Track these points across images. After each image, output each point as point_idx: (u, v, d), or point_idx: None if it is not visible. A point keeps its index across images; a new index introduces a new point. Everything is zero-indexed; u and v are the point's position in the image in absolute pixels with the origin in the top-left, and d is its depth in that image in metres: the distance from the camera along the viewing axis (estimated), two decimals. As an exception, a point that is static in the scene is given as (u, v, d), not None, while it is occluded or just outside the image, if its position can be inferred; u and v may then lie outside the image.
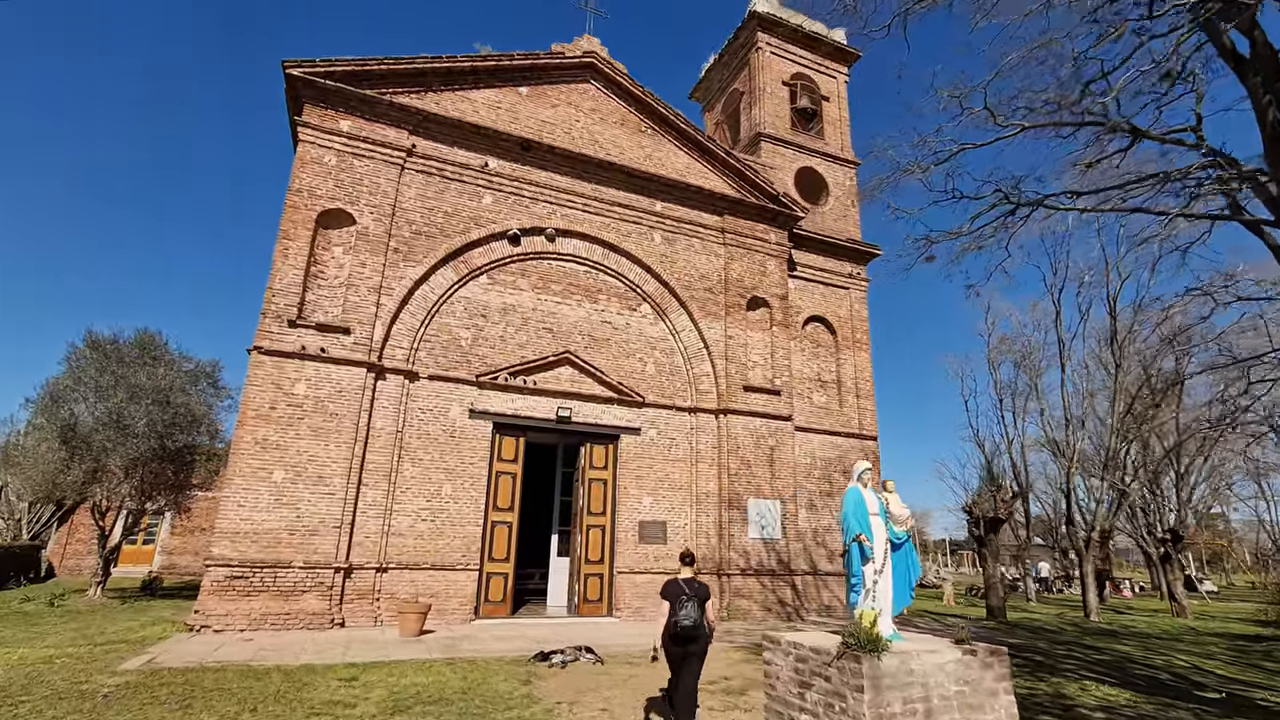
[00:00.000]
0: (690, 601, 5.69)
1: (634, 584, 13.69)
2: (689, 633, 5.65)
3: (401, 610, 10.50)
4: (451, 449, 12.92)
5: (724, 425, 15.28)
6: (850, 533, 5.78)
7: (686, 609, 5.65)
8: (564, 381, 14.29)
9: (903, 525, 5.92)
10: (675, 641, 5.71)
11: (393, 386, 12.67)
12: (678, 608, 5.69)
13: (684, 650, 5.71)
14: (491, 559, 12.88)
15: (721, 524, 14.63)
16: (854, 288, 19.23)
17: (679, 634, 5.65)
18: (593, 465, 14.29)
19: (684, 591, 5.77)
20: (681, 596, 5.74)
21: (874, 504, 5.90)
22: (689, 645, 5.70)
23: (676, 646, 5.73)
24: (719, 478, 15.00)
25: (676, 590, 5.84)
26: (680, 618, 5.62)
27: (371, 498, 11.99)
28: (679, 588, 5.84)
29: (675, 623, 5.65)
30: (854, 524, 5.79)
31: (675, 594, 5.80)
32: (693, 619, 5.62)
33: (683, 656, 5.71)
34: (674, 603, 5.75)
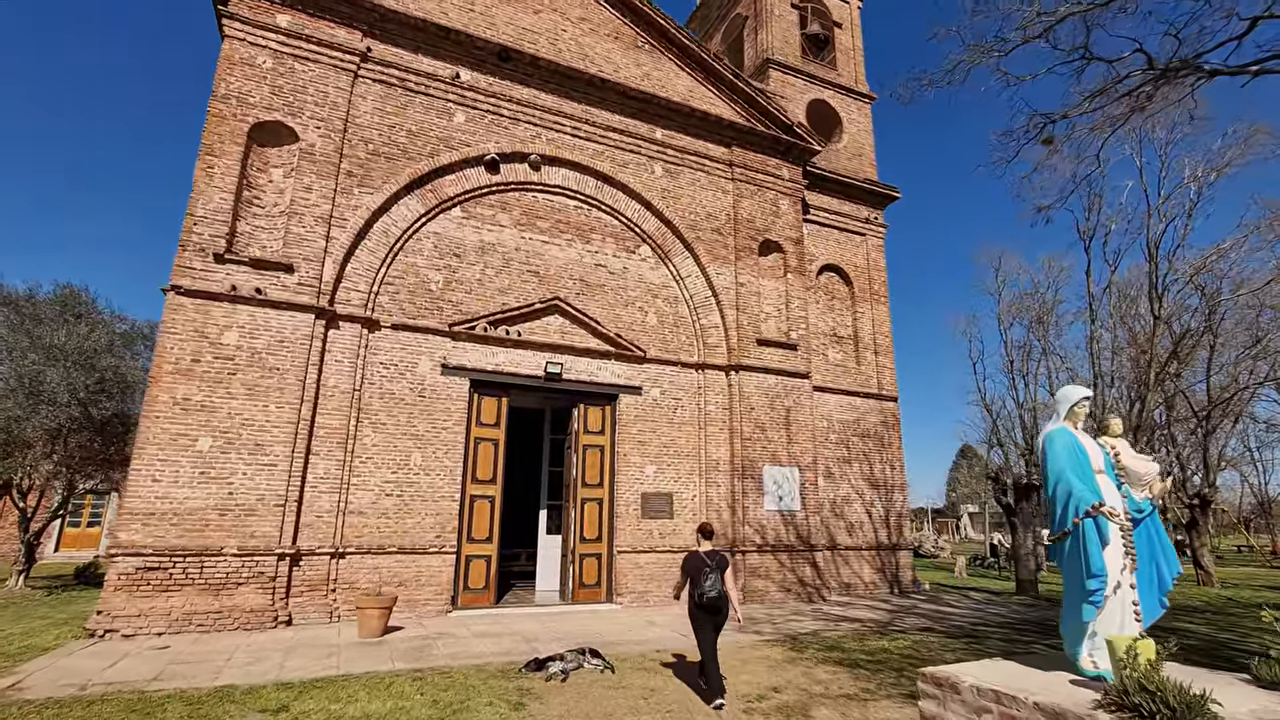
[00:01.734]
0: (714, 573, 5.99)
1: (637, 565, 11.91)
2: (716, 603, 5.96)
3: (360, 605, 8.56)
4: (421, 411, 10.88)
5: (735, 383, 13.43)
6: (1075, 500, 3.55)
7: (711, 579, 5.94)
8: (553, 333, 12.27)
9: (1146, 489, 3.85)
10: (702, 609, 5.98)
11: (348, 336, 10.54)
12: (702, 579, 5.96)
13: (709, 618, 5.97)
14: (471, 539, 10.96)
15: (734, 495, 12.87)
16: (871, 234, 17.37)
17: (706, 605, 5.94)
18: (587, 429, 12.37)
19: (706, 564, 6.04)
20: (705, 569, 6.01)
21: (1097, 456, 3.79)
22: (714, 615, 5.99)
23: (702, 614, 5.98)
24: (730, 443, 13.19)
25: (699, 563, 6.08)
26: (706, 589, 5.91)
27: (324, 469, 9.94)
28: (701, 560, 6.09)
29: (702, 594, 5.92)
30: (1077, 486, 3.55)
31: (698, 567, 6.06)
32: (718, 589, 5.95)
33: (709, 622, 5.97)
34: (697, 575, 6.01)
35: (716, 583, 5.92)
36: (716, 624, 6.00)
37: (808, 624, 10.19)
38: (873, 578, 14.74)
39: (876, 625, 10.23)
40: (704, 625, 5.95)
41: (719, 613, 5.99)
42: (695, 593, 5.96)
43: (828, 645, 8.45)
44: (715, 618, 5.98)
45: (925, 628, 10.13)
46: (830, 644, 8.56)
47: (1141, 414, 16.99)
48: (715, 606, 5.94)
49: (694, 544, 12.22)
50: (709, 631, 5.95)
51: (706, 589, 5.89)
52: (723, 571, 6.04)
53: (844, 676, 6.84)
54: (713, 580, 5.91)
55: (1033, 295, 22.72)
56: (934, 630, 9.93)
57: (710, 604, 5.91)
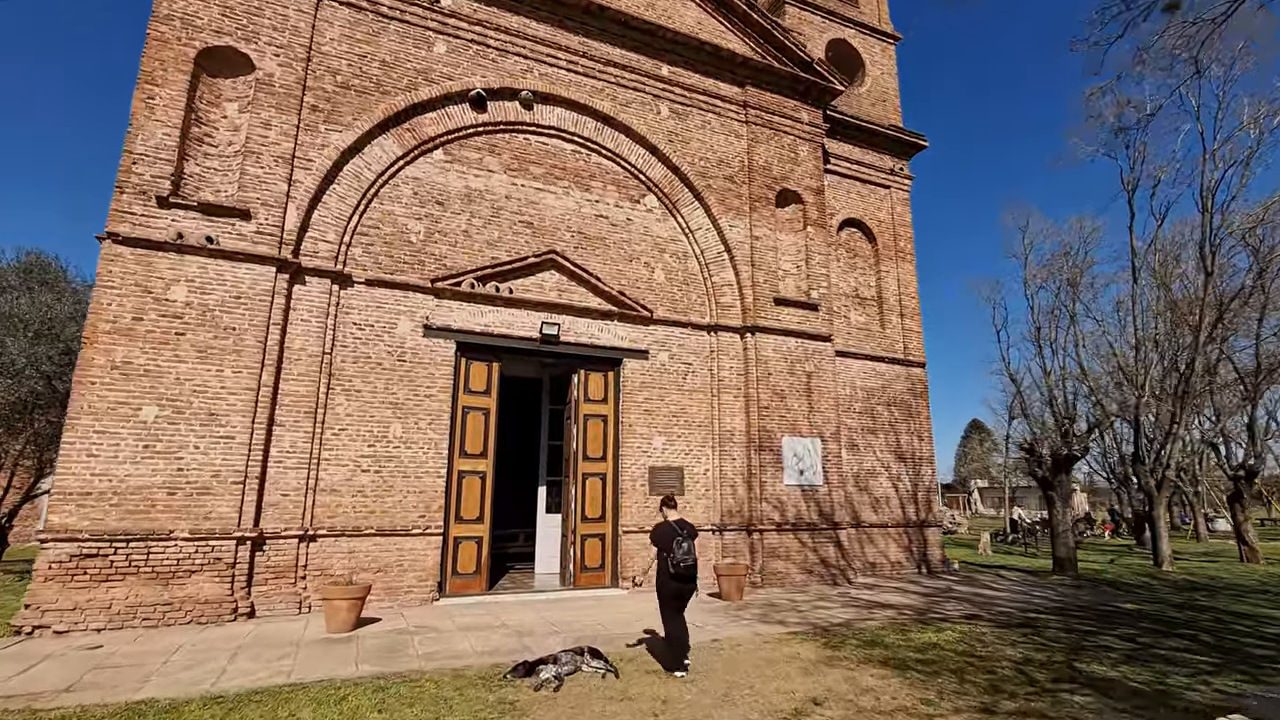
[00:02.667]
0: (686, 541, 5.91)
1: (646, 546, 10.79)
2: (690, 571, 5.90)
3: (327, 596, 7.46)
4: (401, 377, 9.70)
5: (751, 346, 12.18)
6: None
7: (685, 547, 5.87)
8: (549, 290, 11.02)
9: None
10: (676, 579, 5.89)
11: (316, 293, 9.33)
12: (676, 548, 5.87)
13: (684, 587, 5.91)
14: (460, 519, 9.85)
15: (750, 469, 11.70)
16: (896, 186, 15.94)
17: (681, 573, 5.86)
18: (588, 397, 11.18)
19: (678, 532, 5.96)
20: (677, 538, 5.92)
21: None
22: (688, 583, 5.93)
23: (677, 584, 5.89)
24: (746, 412, 11.99)
25: (670, 532, 6.00)
26: (681, 555, 5.85)
27: (290, 442, 8.81)
28: (672, 529, 6.02)
29: (677, 561, 5.84)
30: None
31: (670, 535, 5.98)
32: (693, 557, 5.93)
33: (680, 594, 5.91)
34: (670, 544, 5.91)
35: (691, 550, 5.91)
36: (686, 593, 6.00)
37: (837, 611, 9.08)
38: (899, 557, 13.62)
39: (915, 613, 9.11)
40: (677, 595, 5.95)
41: (692, 580, 6.00)
42: (670, 560, 5.91)
43: (866, 640, 7.32)
44: (688, 585, 5.98)
45: (970, 615, 9.00)
46: (869, 638, 7.43)
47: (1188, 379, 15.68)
48: (689, 574, 5.94)
49: (697, 520, 11.13)
50: (682, 601, 5.97)
51: (681, 556, 5.86)
52: (693, 539, 6.05)
53: (895, 683, 5.69)
54: (686, 548, 5.89)
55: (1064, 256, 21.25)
56: (980, 618, 8.79)
57: (685, 572, 5.89)
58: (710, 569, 10.99)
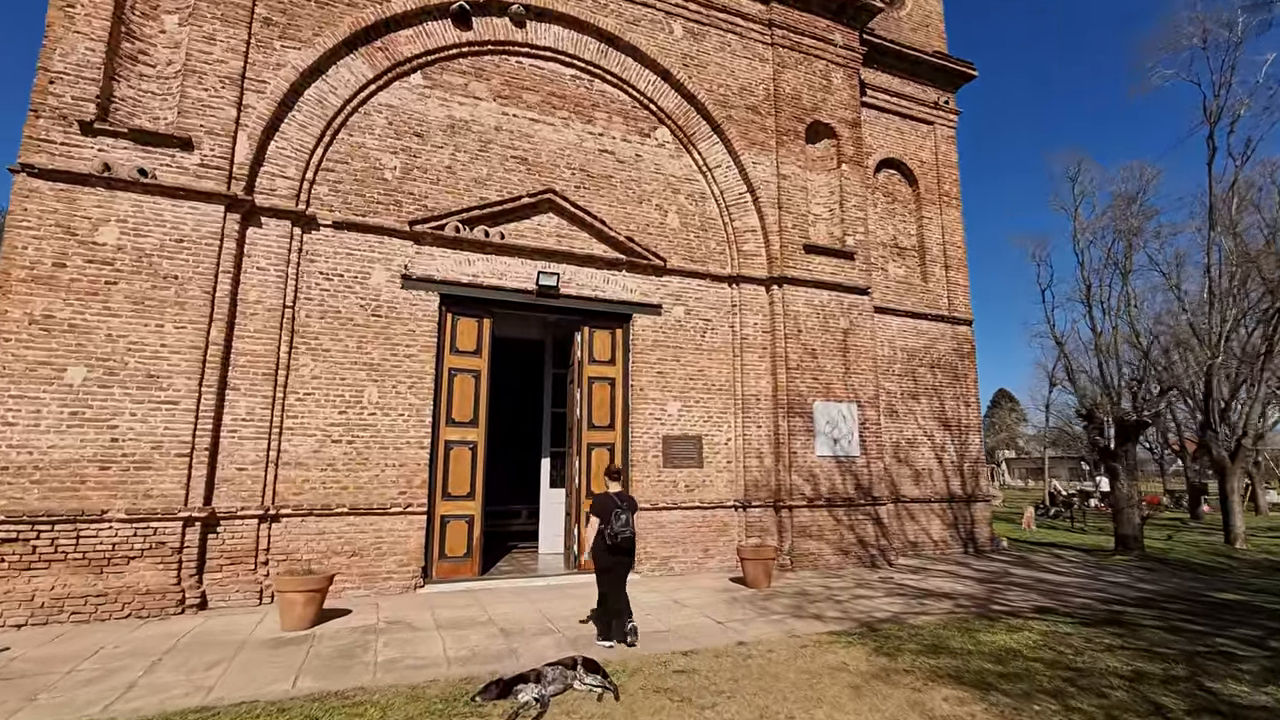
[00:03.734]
0: (625, 513, 5.90)
1: (658, 525, 9.57)
2: (628, 543, 5.91)
3: (280, 588, 6.32)
4: (377, 335, 8.45)
5: (779, 300, 10.72)
6: None
7: (623, 519, 5.85)
8: (546, 235, 9.64)
9: None
10: (613, 553, 5.87)
11: (274, 237, 8.06)
12: (614, 519, 5.84)
13: (620, 560, 5.91)
14: (447, 496, 8.68)
15: (779, 437, 10.35)
16: (940, 122, 14.17)
17: (618, 545, 5.84)
18: (593, 358, 9.86)
19: (617, 504, 5.94)
20: (616, 509, 5.90)
21: None
22: (626, 556, 5.95)
23: (614, 557, 5.88)
24: (774, 373, 10.59)
25: (610, 504, 5.96)
26: (618, 527, 5.82)
27: (246, 408, 7.64)
28: (612, 501, 5.97)
29: (615, 533, 5.82)
30: None
31: (609, 507, 5.93)
32: (631, 529, 5.90)
33: (617, 566, 5.88)
34: (609, 516, 5.87)
35: (629, 523, 5.89)
36: (627, 566, 6.02)
37: (882, 602, 7.78)
38: (943, 535, 12.26)
39: (975, 604, 7.78)
40: (614, 568, 5.92)
41: (629, 554, 6.03)
42: (607, 532, 5.87)
43: (926, 643, 6.01)
44: (626, 559, 5.98)
45: (1041, 608, 7.65)
46: (929, 639, 6.13)
47: (1273, 337, 13.91)
48: (628, 546, 5.95)
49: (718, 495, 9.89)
50: (620, 574, 5.92)
51: (619, 528, 5.84)
52: (633, 513, 6.06)
53: (979, 712, 4.38)
54: (625, 520, 5.87)
55: (1124, 203, 19.25)
56: (1055, 612, 7.44)
57: (624, 544, 5.89)
58: (733, 551, 9.74)
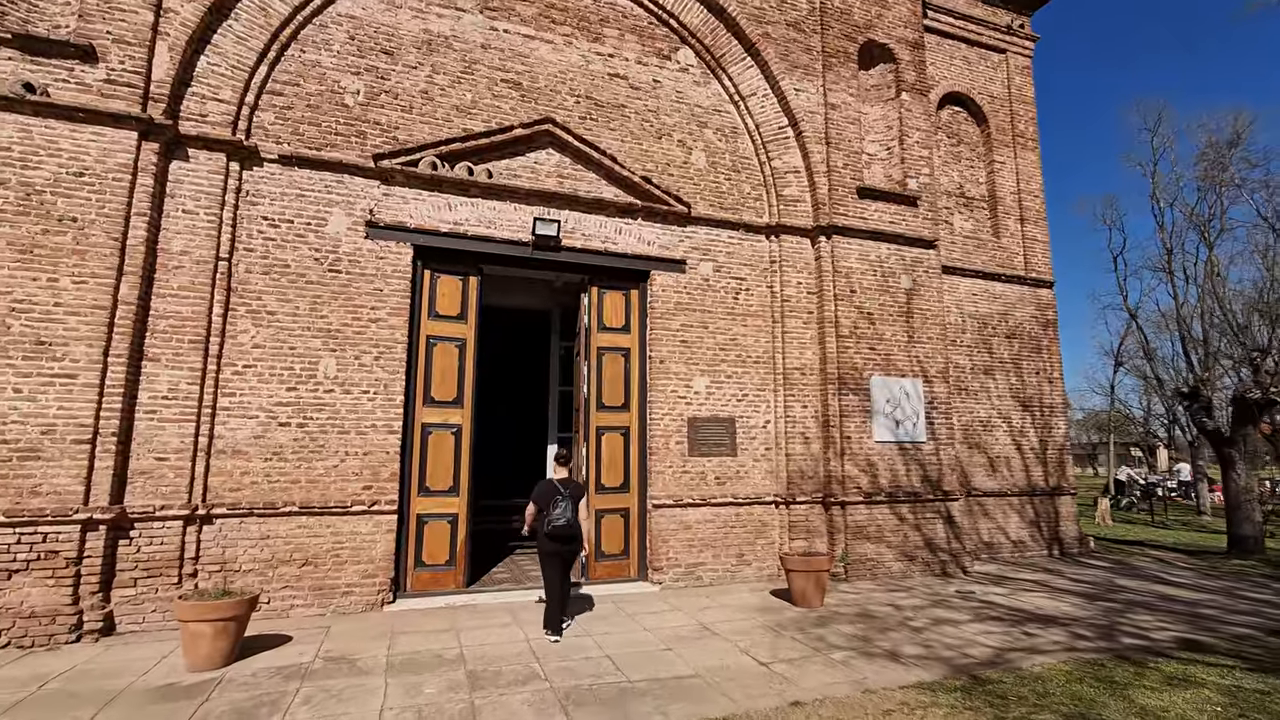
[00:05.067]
0: (565, 501, 5.71)
1: (683, 524, 7.90)
2: (563, 532, 5.67)
3: (181, 616, 4.81)
4: (335, 294, 6.89)
5: (827, 254, 8.89)
6: None
7: (561, 508, 5.67)
8: (545, 175, 7.96)
9: None
10: (551, 539, 5.70)
11: (206, 173, 6.52)
12: (552, 508, 5.68)
13: (558, 548, 5.73)
14: (425, 490, 7.13)
15: (828, 418, 8.57)
16: (1013, 50, 12.05)
17: (554, 533, 5.66)
18: (604, 325, 8.19)
19: (558, 491, 5.77)
20: (555, 497, 5.73)
21: None
22: (564, 545, 5.74)
23: (552, 544, 5.71)
24: (821, 342, 8.80)
25: (550, 491, 5.81)
26: (555, 516, 5.64)
27: (169, 384, 6.15)
28: (553, 488, 5.82)
29: (549, 522, 5.65)
30: None
31: (549, 494, 5.78)
32: (567, 518, 5.66)
33: (557, 554, 5.73)
34: (548, 504, 5.71)
35: (566, 510, 5.69)
36: (565, 555, 5.80)
37: (971, 631, 6.00)
38: (1022, 535, 10.36)
39: (1096, 633, 5.95)
40: (552, 557, 5.74)
41: (569, 542, 5.78)
42: (545, 520, 5.70)
43: (1065, 709, 4.23)
44: (565, 547, 5.77)
45: (1188, 640, 5.79)
46: (1065, 701, 4.35)
47: None
48: (565, 535, 5.71)
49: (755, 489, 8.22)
50: (557, 564, 5.75)
51: (555, 516, 5.64)
52: (576, 501, 5.81)
53: None
54: (563, 508, 5.68)
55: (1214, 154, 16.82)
56: (1214, 649, 5.58)
57: (559, 533, 5.67)
58: (774, 555, 8.05)
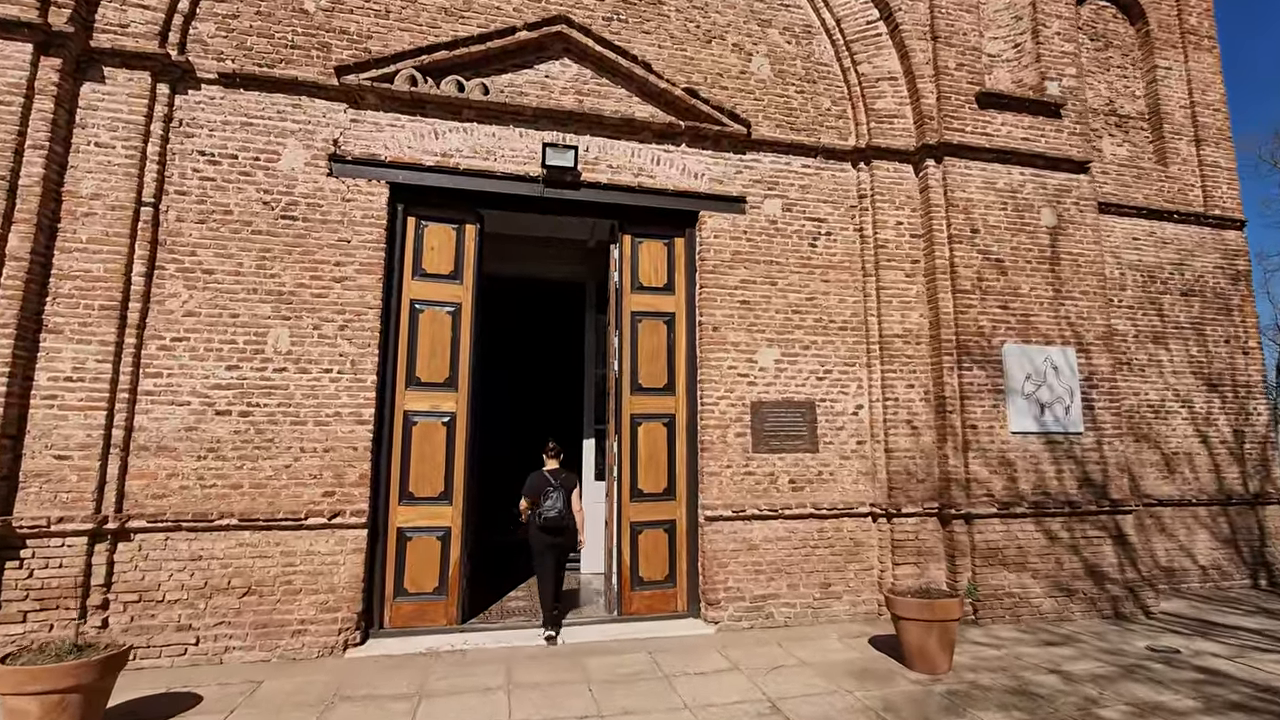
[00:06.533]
0: (556, 493, 5.55)
1: (746, 543, 5.94)
2: (555, 523, 5.50)
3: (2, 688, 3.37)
4: (289, 247, 5.40)
5: (937, 183, 6.67)
6: None
7: (552, 499, 5.52)
8: (559, 91, 6.19)
9: None
10: (545, 532, 5.52)
11: (126, 96, 5.17)
12: (543, 499, 5.53)
13: (551, 540, 5.54)
14: (408, 497, 5.53)
15: (944, 400, 6.35)
16: (1177, -75, 9.26)
17: (546, 525, 5.50)
18: (639, 283, 6.35)
19: (550, 483, 5.61)
20: (547, 488, 5.58)
21: None
22: (555, 537, 5.56)
23: (546, 536, 5.53)
24: (933, 300, 6.59)
25: (541, 483, 5.62)
26: (545, 508, 5.49)
27: (74, 361, 4.81)
28: (544, 480, 5.63)
29: (540, 514, 5.51)
30: None
31: (540, 487, 5.61)
32: (558, 509, 5.50)
33: (549, 547, 5.54)
34: (539, 496, 5.57)
35: (558, 501, 5.50)
36: (558, 549, 5.58)
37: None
38: (1214, 557, 7.71)
39: None
40: (545, 553, 5.53)
41: (560, 534, 5.55)
42: (536, 513, 5.52)
43: None
44: (556, 539, 5.55)
45: None
46: None
47: None
48: (557, 527, 5.50)
49: (843, 497, 6.16)
50: (549, 560, 5.53)
51: (546, 508, 5.47)
52: (568, 492, 5.61)
53: None
54: (554, 499, 5.50)
55: None
56: None
57: (550, 524, 5.47)
58: (872, 585, 5.98)
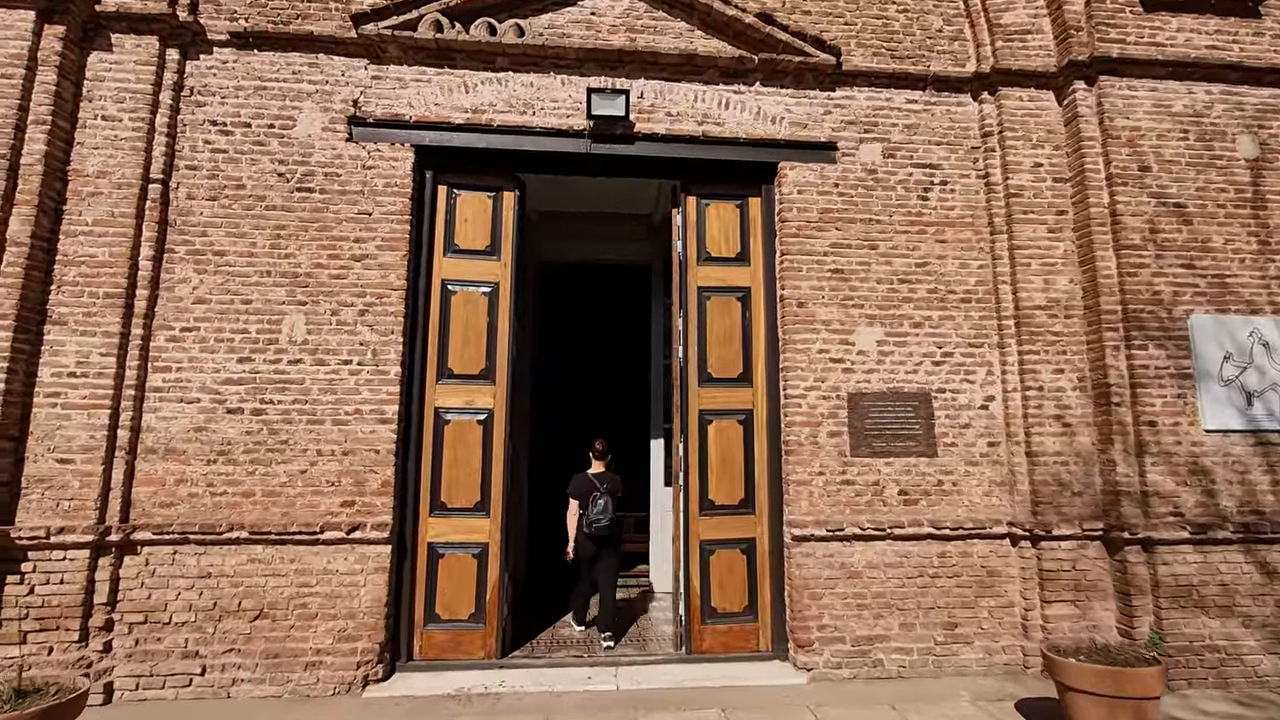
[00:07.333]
0: (604, 498, 5.29)
1: (848, 569, 4.76)
2: (605, 532, 5.26)
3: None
4: (306, 223, 4.78)
5: (1090, 109, 5.20)
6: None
7: (600, 505, 5.24)
8: (606, 29, 5.26)
9: None
10: (593, 540, 5.28)
11: (132, 65, 4.70)
12: (592, 504, 5.25)
13: (601, 551, 5.31)
14: (440, 508, 4.77)
15: (1107, 389, 4.89)
16: None
17: (593, 534, 5.24)
18: (707, 253, 5.31)
19: (595, 487, 5.34)
20: (594, 493, 5.31)
21: None
22: (604, 545, 5.33)
23: (595, 545, 5.28)
24: (1088, 259, 5.12)
25: (587, 486, 5.38)
26: (594, 516, 5.20)
27: (77, 354, 4.36)
28: (590, 483, 5.38)
29: (591, 521, 5.21)
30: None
31: (586, 490, 5.36)
32: (609, 516, 5.24)
33: (595, 555, 5.30)
34: (585, 500, 5.31)
35: (607, 507, 5.22)
36: (603, 554, 5.31)
37: None
38: None
39: None
40: (595, 558, 5.28)
41: (609, 543, 5.33)
42: (585, 519, 5.24)
43: None
44: (604, 547, 5.30)
45: None
46: None
47: None
48: (607, 536, 5.26)
49: (970, 513, 4.84)
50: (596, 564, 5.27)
51: (595, 515, 5.18)
52: (615, 497, 5.36)
53: None
54: (602, 505, 5.22)
55: None
56: None
57: (600, 533, 5.21)
58: (1015, 630, 4.66)
